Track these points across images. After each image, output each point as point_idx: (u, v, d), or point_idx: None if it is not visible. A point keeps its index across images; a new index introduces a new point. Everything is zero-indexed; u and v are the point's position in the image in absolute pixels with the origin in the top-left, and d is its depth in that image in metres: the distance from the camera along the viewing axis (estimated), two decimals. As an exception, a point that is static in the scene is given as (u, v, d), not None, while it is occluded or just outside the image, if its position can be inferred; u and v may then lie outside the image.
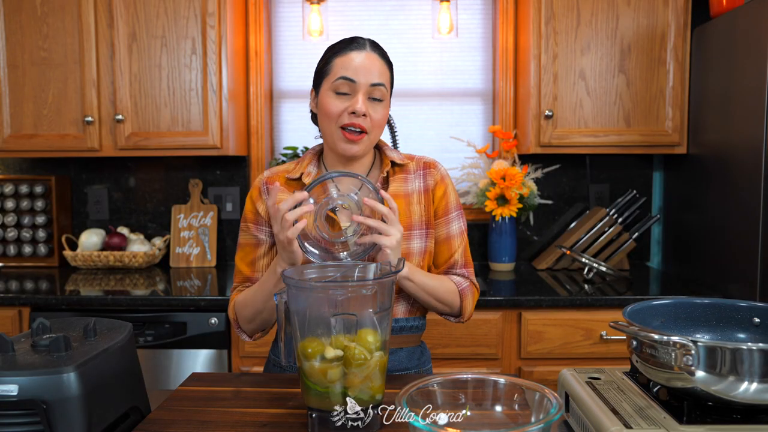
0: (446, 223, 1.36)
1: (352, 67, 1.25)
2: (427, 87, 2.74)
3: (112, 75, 2.37)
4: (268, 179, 1.35)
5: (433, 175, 1.36)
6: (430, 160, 1.39)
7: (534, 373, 2.06)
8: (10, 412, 0.86)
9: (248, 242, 1.35)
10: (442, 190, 1.36)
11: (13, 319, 2.11)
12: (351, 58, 1.26)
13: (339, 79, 1.25)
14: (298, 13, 2.72)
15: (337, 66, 1.26)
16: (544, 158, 2.65)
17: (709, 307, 1.07)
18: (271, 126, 2.78)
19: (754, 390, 0.82)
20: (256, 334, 1.34)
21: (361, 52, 1.26)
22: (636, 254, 2.69)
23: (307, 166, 1.34)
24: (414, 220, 1.32)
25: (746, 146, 1.96)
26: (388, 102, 1.30)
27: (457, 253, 1.37)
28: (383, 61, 1.29)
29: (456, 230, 1.37)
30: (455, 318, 1.37)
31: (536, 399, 0.78)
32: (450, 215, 1.36)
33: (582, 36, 2.33)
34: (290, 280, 0.94)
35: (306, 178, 1.32)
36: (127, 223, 2.75)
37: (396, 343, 1.33)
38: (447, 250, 1.36)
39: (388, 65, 1.31)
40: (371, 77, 1.25)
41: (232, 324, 1.35)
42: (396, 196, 1.32)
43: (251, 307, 1.28)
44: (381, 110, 1.28)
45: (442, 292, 1.30)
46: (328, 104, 1.27)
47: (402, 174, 1.35)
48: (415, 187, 1.34)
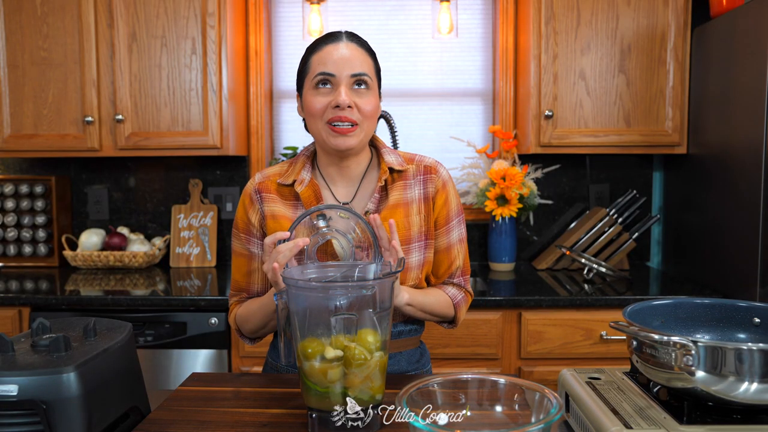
0: (447, 232, 1.33)
1: (330, 60, 1.21)
2: (427, 87, 2.74)
3: (112, 75, 2.37)
4: (260, 185, 1.31)
5: (434, 181, 1.31)
6: (430, 162, 1.33)
7: (534, 373, 2.06)
8: (10, 412, 0.86)
9: (242, 253, 1.33)
10: (442, 199, 1.31)
11: (13, 319, 2.11)
12: (327, 52, 1.22)
13: (318, 75, 1.21)
14: (298, 13, 2.72)
15: (315, 63, 1.23)
16: (544, 158, 2.65)
17: (709, 307, 1.07)
18: (271, 126, 2.78)
19: (754, 390, 0.82)
20: (258, 340, 1.36)
21: (338, 44, 1.23)
22: (636, 254, 2.69)
23: (300, 171, 1.30)
24: (413, 233, 1.27)
25: (746, 146, 1.96)
26: (376, 91, 1.26)
27: (458, 260, 1.35)
28: (362, 49, 1.25)
29: (456, 238, 1.34)
30: (448, 324, 1.38)
31: (536, 399, 0.78)
32: (450, 224, 1.33)
33: (582, 36, 2.33)
34: (290, 280, 0.94)
35: (298, 187, 1.27)
36: (127, 223, 2.75)
37: (395, 348, 1.32)
38: (447, 258, 1.34)
39: (368, 53, 1.26)
40: (351, 67, 1.21)
41: (233, 331, 1.36)
42: (395, 206, 1.27)
43: (253, 323, 1.28)
44: (368, 98, 1.23)
45: (439, 309, 1.30)
46: (310, 102, 1.23)
47: (401, 180, 1.30)
48: (414, 195, 1.29)
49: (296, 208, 1.29)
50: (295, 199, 1.29)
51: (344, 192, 1.31)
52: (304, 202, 1.27)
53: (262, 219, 1.29)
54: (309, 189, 1.28)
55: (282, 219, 1.27)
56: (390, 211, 1.27)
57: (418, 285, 1.30)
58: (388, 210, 1.27)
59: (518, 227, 2.67)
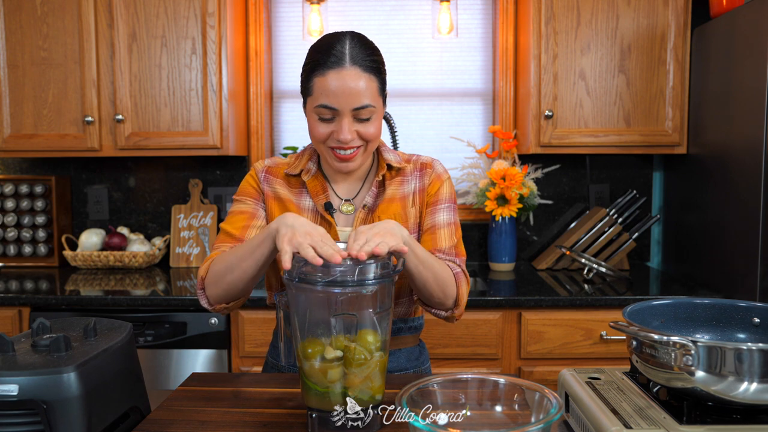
0: (433, 213, 1.30)
1: (332, 92, 1.16)
2: (427, 87, 2.74)
3: (112, 75, 2.37)
4: (268, 168, 1.32)
5: (429, 174, 1.32)
6: (427, 160, 1.35)
7: (534, 373, 2.06)
8: (11, 412, 0.86)
9: (244, 210, 1.29)
10: (435, 187, 1.31)
11: (13, 319, 2.11)
12: (329, 81, 1.16)
13: (319, 107, 1.18)
14: (298, 13, 2.72)
15: (317, 89, 1.18)
16: (544, 158, 2.65)
17: (709, 307, 1.07)
18: (271, 126, 2.78)
19: (754, 390, 0.82)
20: (218, 303, 1.21)
21: (340, 70, 1.16)
22: (636, 254, 2.69)
23: (306, 162, 1.32)
24: (410, 225, 1.29)
25: (746, 146, 1.96)
26: (380, 111, 1.23)
27: (444, 241, 1.28)
28: (368, 74, 1.18)
29: (443, 220, 1.29)
30: (448, 311, 1.24)
31: (536, 399, 0.78)
32: (438, 206, 1.30)
33: (582, 36, 2.33)
34: (290, 280, 0.94)
35: (305, 176, 1.30)
36: (127, 223, 2.75)
37: (394, 345, 1.32)
38: (432, 238, 1.28)
39: (373, 73, 1.19)
40: (353, 101, 1.16)
41: (197, 284, 1.22)
42: (392, 200, 1.29)
43: (226, 262, 1.16)
44: (372, 125, 1.21)
45: (439, 270, 1.18)
46: (312, 127, 1.22)
47: (399, 177, 1.32)
48: (410, 189, 1.31)
49: (302, 195, 1.31)
50: (300, 187, 1.31)
51: (346, 190, 1.33)
52: (311, 191, 1.30)
53: (264, 196, 1.31)
54: (315, 180, 1.30)
55: (288, 203, 1.29)
56: (387, 204, 1.29)
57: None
58: (384, 203, 1.29)
59: (518, 227, 2.67)
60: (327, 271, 0.94)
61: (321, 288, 0.93)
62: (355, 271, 0.94)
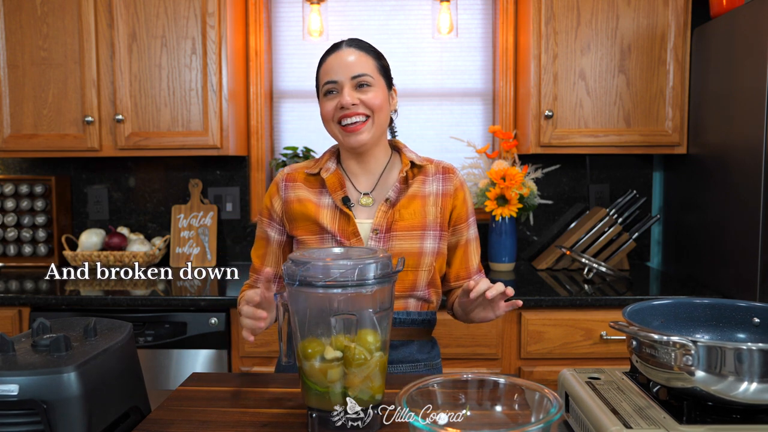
0: (467, 228, 1.42)
1: (332, 69, 1.33)
2: (427, 87, 2.74)
3: (112, 75, 2.38)
4: (288, 175, 1.42)
5: (452, 180, 1.41)
6: (448, 165, 1.44)
7: (534, 373, 2.06)
8: (11, 412, 0.86)
9: (260, 236, 1.44)
10: (461, 197, 1.41)
11: (13, 319, 2.11)
12: (329, 62, 1.34)
13: (325, 85, 1.34)
14: (298, 13, 2.72)
15: (321, 75, 1.36)
16: (544, 158, 2.65)
17: (709, 307, 1.07)
18: (271, 126, 2.78)
19: (754, 390, 0.82)
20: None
21: (339, 52, 1.34)
22: (636, 254, 2.69)
23: (326, 162, 1.41)
24: (429, 221, 1.36)
25: (746, 146, 1.96)
26: (380, 86, 1.35)
27: (473, 259, 1.44)
28: (362, 51, 1.35)
29: (473, 235, 1.44)
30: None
31: (536, 399, 0.78)
32: (469, 220, 1.43)
33: (582, 36, 2.33)
34: (291, 284, 0.94)
35: (324, 174, 1.38)
36: (127, 223, 2.75)
37: (407, 335, 1.36)
38: (465, 255, 1.42)
39: (369, 53, 1.36)
40: (350, 70, 1.31)
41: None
42: (414, 197, 1.37)
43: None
44: (373, 93, 1.32)
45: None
46: (322, 108, 1.36)
47: (421, 176, 1.40)
48: (432, 190, 1.39)
49: (321, 194, 1.38)
50: (320, 186, 1.40)
51: (365, 184, 1.41)
52: (329, 187, 1.37)
53: (284, 205, 1.40)
54: (334, 176, 1.39)
55: (307, 202, 1.37)
56: (408, 200, 1.36)
57: (431, 273, 1.36)
58: (407, 199, 1.37)
59: (518, 227, 2.67)
60: (327, 273, 0.94)
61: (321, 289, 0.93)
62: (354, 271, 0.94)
